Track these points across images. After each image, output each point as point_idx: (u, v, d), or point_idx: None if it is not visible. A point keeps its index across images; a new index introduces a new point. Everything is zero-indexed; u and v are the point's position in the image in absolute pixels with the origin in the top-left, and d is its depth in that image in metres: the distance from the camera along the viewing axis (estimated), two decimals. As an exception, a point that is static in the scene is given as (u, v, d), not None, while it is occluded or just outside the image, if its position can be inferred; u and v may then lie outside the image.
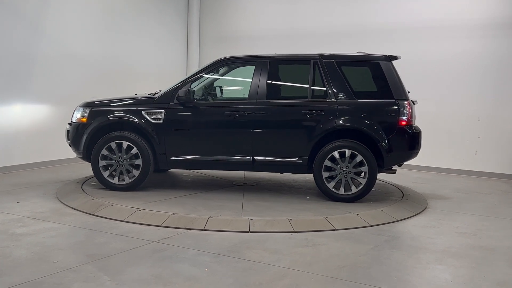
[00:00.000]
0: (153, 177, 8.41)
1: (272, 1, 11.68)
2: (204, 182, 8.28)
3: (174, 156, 7.25)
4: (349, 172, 6.88)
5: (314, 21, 11.09)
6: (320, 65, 7.13)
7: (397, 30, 10.24)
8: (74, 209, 6.45)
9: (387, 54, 7.14)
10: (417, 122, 7.47)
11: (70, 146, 7.63)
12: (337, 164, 6.90)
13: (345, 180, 6.91)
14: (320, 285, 4.29)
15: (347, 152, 6.84)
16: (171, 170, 8.78)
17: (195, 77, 7.43)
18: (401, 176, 8.94)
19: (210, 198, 7.06)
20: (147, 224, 5.86)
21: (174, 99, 7.20)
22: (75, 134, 7.46)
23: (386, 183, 8.39)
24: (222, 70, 7.73)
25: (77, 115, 7.53)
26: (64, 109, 9.68)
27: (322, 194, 7.09)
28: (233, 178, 8.47)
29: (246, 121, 7.09)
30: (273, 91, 7.31)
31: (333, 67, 7.10)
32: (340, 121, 6.92)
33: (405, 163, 7.25)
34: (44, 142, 9.34)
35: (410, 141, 6.96)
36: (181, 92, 7.11)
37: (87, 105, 7.55)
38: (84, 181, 7.85)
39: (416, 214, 6.71)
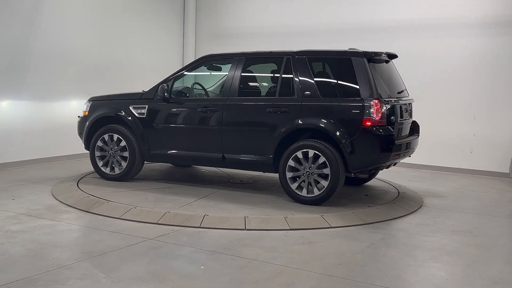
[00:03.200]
0: (164, 169, 8.67)
1: (269, -2, 11.70)
2: (203, 177, 8.30)
3: (155, 150, 7.57)
4: (312, 174, 6.57)
5: (311, 18, 11.08)
6: (292, 62, 6.91)
7: (394, 28, 10.23)
8: (69, 206, 6.44)
9: (364, 50, 6.74)
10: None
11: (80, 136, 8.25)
12: (301, 165, 6.65)
13: (308, 182, 6.62)
14: (316, 282, 4.29)
15: (310, 153, 6.54)
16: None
17: (178, 74, 7.63)
18: (396, 174, 8.96)
19: (177, 193, 7.13)
20: (143, 221, 5.85)
21: (157, 96, 7.49)
22: (81, 126, 8.10)
23: (381, 181, 8.39)
24: (204, 68, 7.81)
25: (83, 109, 8.15)
26: (59, 106, 9.68)
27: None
28: (243, 177, 8.40)
29: (216, 118, 7.14)
30: (245, 88, 7.25)
31: (303, 63, 6.83)
32: (303, 120, 6.63)
33: (400, 161, 7.25)
34: (40, 139, 9.31)
35: (377, 143, 6.40)
36: (160, 89, 7.35)
37: (90, 99, 8.17)
38: (80, 178, 7.83)
39: (411, 212, 6.72)
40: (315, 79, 6.75)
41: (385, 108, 6.41)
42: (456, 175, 9.57)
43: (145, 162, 8.00)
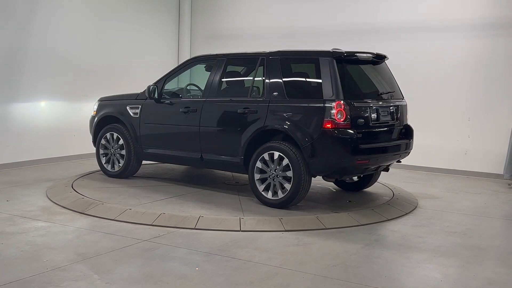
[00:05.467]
0: (175, 168, 9.04)
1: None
2: (203, 178, 8.28)
3: (147, 149, 7.82)
4: (277, 176, 6.48)
5: (306, 19, 11.08)
6: (265, 63, 6.85)
7: (389, 30, 10.26)
8: (64, 207, 6.43)
9: (334, 50, 6.52)
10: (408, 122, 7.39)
11: None
12: (268, 167, 6.57)
13: (274, 184, 6.53)
14: (311, 284, 4.30)
15: (275, 155, 6.46)
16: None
17: (169, 76, 7.82)
18: (391, 175, 8.95)
19: (156, 191, 7.34)
20: (137, 223, 5.84)
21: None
22: (90, 125, 8.50)
23: (376, 183, 8.38)
24: (192, 69, 8.01)
25: (93, 108, 8.57)
26: (54, 107, 9.65)
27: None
28: (244, 179, 8.29)
29: (195, 118, 7.24)
30: (222, 89, 7.30)
31: (275, 64, 6.75)
32: (269, 121, 6.56)
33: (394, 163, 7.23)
34: (34, 140, 9.28)
35: (338, 146, 6.17)
36: (146, 89, 7.65)
37: (99, 99, 8.58)
38: (75, 180, 7.81)
39: (406, 214, 6.73)
40: (283, 79, 6.67)
41: (350, 110, 6.17)
42: (450, 177, 9.59)
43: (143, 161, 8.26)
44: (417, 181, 9.07)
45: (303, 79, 6.88)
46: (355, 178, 7.66)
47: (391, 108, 6.83)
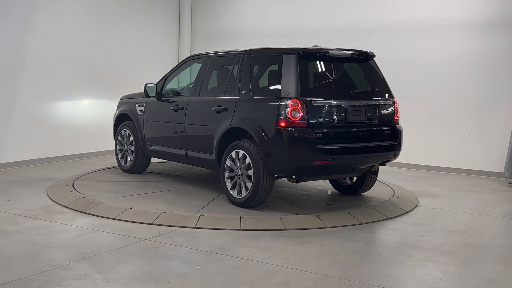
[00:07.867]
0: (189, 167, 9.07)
1: (264, -1, 11.71)
2: (204, 177, 8.29)
3: (149, 146, 8.06)
4: (242, 175, 6.43)
5: (304, 19, 11.08)
6: (240, 61, 6.83)
7: (389, 29, 10.25)
8: (65, 207, 6.43)
9: (314, 46, 6.49)
10: (408, 121, 7.32)
11: None
12: (235, 165, 6.54)
13: (239, 183, 6.49)
14: (311, 282, 4.30)
15: (240, 153, 6.41)
16: None
17: (169, 75, 7.97)
18: (392, 174, 8.97)
19: (147, 186, 7.57)
20: (138, 222, 5.85)
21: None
22: (113, 122, 8.82)
23: (377, 181, 8.37)
24: (192, 67, 8.12)
25: (115, 106, 8.91)
26: (54, 106, 9.65)
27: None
28: None
29: (181, 116, 7.40)
30: (205, 87, 7.35)
31: (248, 62, 6.72)
32: (235, 120, 6.53)
33: (392, 161, 7.16)
34: (35, 139, 9.29)
35: (292, 146, 5.99)
36: (144, 88, 7.80)
37: (121, 98, 8.89)
38: (75, 179, 7.81)
39: (407, 212, 6.73)
40: (252, 78, 6.66)
41: (307, 108, 5.99)
42: (451, 175, 9.58)
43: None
44: (417, 179, 9.07)
45: (269, 77, 6.76)
46: (355, 180, 7.53)
47: (368, 108, 6.53)
